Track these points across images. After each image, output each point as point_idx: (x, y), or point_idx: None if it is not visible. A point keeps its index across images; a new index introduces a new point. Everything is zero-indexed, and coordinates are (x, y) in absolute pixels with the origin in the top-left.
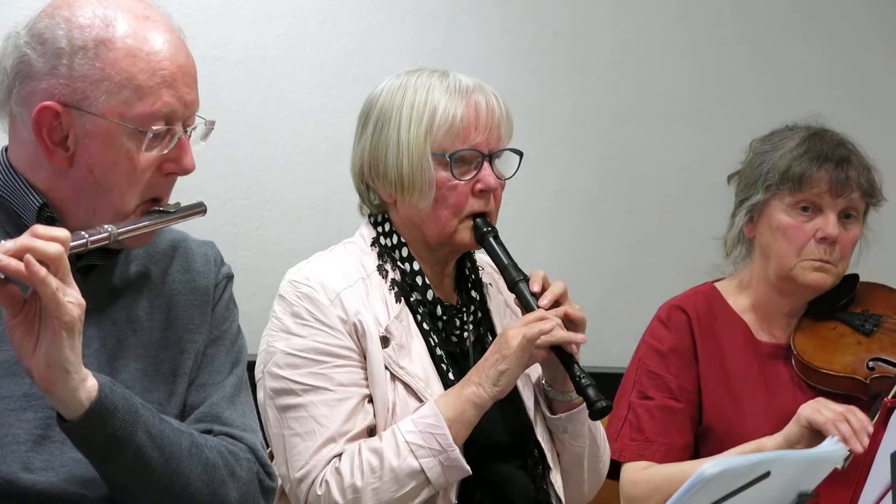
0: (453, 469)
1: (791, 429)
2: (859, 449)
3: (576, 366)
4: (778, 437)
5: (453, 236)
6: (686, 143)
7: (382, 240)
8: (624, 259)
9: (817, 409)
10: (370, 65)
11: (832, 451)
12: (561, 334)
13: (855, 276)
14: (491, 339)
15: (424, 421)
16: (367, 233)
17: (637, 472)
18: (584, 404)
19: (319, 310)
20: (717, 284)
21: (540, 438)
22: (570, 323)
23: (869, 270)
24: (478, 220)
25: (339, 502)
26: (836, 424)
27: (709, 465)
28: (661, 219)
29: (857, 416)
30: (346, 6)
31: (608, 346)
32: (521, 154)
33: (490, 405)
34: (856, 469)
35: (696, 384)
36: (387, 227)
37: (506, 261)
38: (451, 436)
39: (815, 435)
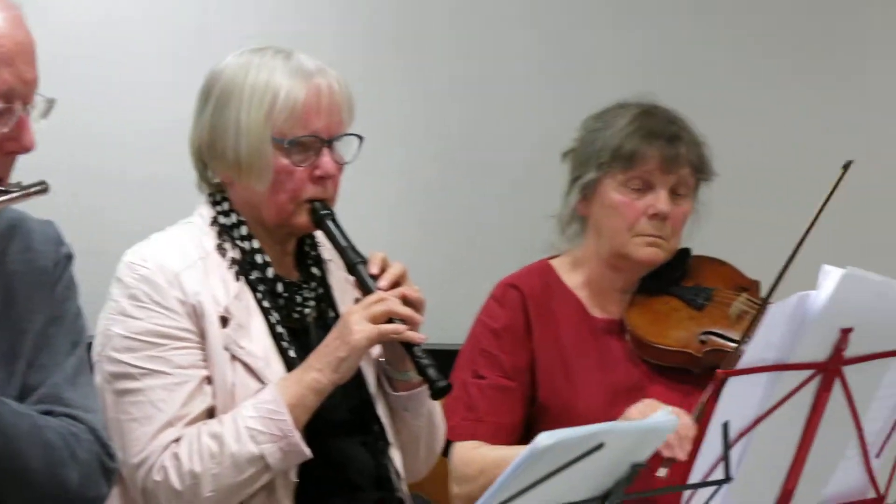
0: (293, 454)
1: None
2: (681, 457)
3: (416, 347)
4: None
5: (290, 219)
6: (526, 124)
7: (221, 219)
8: (465, 239)
9: (643, 413)
10: (213, 43)
11: (664, 421)
12: (409, 335)
13: (687, 251)
14: (332, 314)
15: (265, 406)
16: (206, 212)
17: (468, 452)
18: (425, 384)
19: (157, 291)
20: (551, 262)
21: (381, 415)
22: (408, 304)
23: (701, 244)
24: (316, 203)
25: (178, 488)
26: None
27: (543, 437)
28: (501, 198)
29: (683, 419)
30: None
31: (447, 324)
32: (361, 138)
33: (331, 389)
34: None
35: (530, 362)
36: (225, 206)
37: (344, 243)
38: (292, 421)
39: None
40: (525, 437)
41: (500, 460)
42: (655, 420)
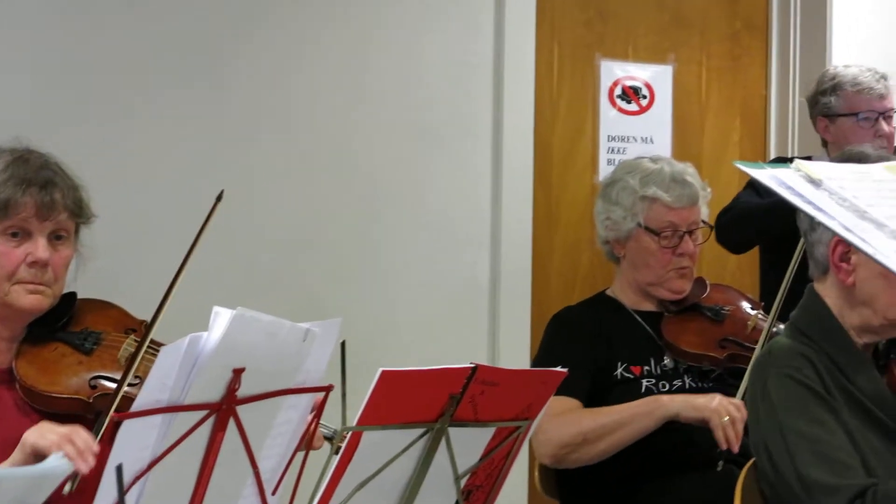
0: None
1: (16, 456)
2: (84, 469)
3: None
4: (3, 467)
5: None
6: None
7: None
8: None
9: (41, 435)
10: None
11: (56, 466)
12: None
13: (73, 295)
14: None
15: None
16: None
17: None
18: None
19: None
20: None
21: None
22: None
23: (87, 287)
24: None
25: None
26: (61, 446)
27: None
28: None
29: (81, 435)
30: None
31: None
32: None
33: None
34: (89, 486)
35: None
36: None
37: None
38: None
39: (42, 461)
40: None
41: None
42: (46, 465)
